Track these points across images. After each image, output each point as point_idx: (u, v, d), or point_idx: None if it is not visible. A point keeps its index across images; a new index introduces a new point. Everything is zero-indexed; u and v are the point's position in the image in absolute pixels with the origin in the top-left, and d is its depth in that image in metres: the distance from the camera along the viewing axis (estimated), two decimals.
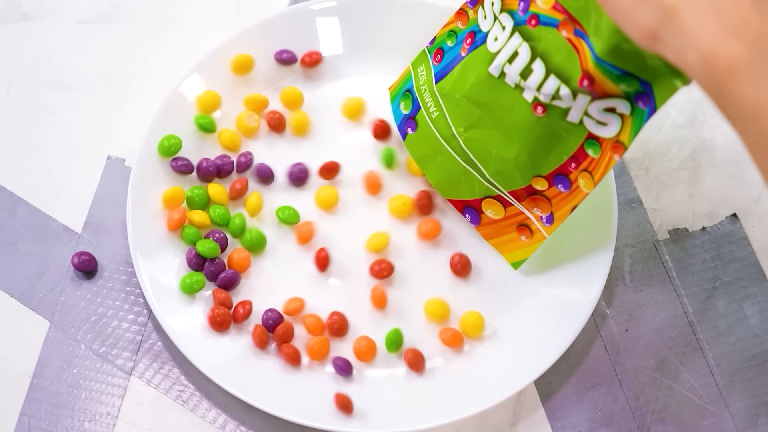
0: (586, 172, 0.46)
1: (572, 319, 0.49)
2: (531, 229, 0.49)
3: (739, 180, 0.56)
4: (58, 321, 0.51)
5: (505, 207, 0.49)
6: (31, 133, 0.56)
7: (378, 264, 0.51)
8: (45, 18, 0.59)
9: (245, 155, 0.53)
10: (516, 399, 0.50)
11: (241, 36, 0.55)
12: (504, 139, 0.47)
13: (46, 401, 0.49)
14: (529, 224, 0.49)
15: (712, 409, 0.50)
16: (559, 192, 0.47)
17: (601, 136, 0.44)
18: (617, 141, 0.43)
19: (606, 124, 0.43)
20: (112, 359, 0.50)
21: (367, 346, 0.49)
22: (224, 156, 0.53)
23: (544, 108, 0.45)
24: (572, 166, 0.46)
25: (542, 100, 0.44)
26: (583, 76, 0.42)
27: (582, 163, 0.45)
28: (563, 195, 0.47)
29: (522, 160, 0.47)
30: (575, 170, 0.46)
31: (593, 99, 0.43)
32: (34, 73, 0.58)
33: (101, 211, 0.54)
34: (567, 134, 0.45)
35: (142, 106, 0.56)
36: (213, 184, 0.53)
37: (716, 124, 0.57)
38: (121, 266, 0.53)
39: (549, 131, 0.45)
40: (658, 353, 0.51)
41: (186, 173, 0.53)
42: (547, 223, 0.48)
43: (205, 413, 0.49)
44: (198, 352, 0.49)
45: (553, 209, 0.48)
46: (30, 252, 0.53)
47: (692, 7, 0.34)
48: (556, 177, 0.47)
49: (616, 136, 0.43)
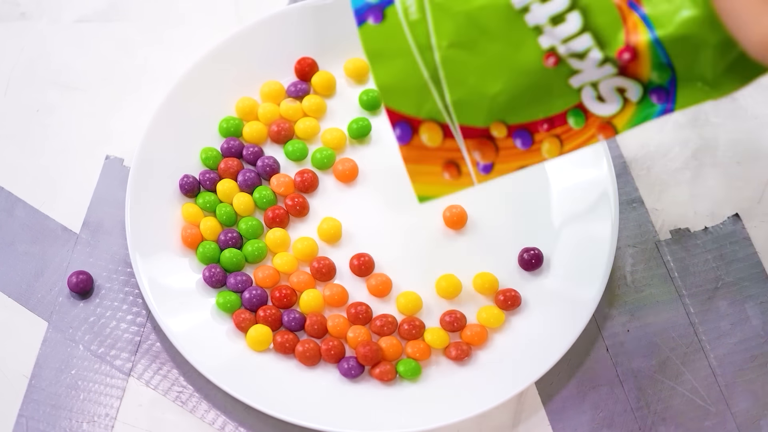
0: (556, 138, 0.42)
1: (573, 320, 0.49)
2: (461, 170, 0.44)
3: (741, 180, 0.56)
4: (56, 322, 0.51)
5: (445, 138, 0.44)
6: (29, 133, 0.56)
7: (408, 322, 0.50)
8: (43, 17, 0.59)
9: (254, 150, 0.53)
10: (517, 400, 0.50)
11: (241, 35, 0.55)
12: (491, 73, 0.42)
13: (44, 402, 0.49)
14: (461, 165, 0.44)
15: (714, 410, 0.50)
16: (513, 146, 0.43)
17: (592, 110, 0.42)
18: (609, 122, 0.41)
19: (605, 101, 0.41)
20: (111, 360, 0.50)
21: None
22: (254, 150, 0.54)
23: (557, 60, 0.41)
24: (544, 126, 0.42)
25: (561, 52, 0.40)
26: (626, 49, 0.39)
27: (555, 128, 0.42)
28: (517, 151, 0.43)
29: (499, 101, 0.42)
30: (544, 132, 0.43)
31: (617, 74, 0.41)
32: (32, 73, 0.58)
33: (100, 211, 0.54)
34: (558, 95, 0.42)
35: (140, 105, 0.56)
36: (239, 194, 0.53)
37: (718, 123, 0.57)
38: (119, 266, 0.53)
39: (544, 84, 0.42)
40: (660, 354, 0.51)
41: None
42: (483, 171, 0.44)
43: (205, 414, 0.49)
44: (197, 352, 0.48)
45: (497, 160, 0.44)
46: (28, 252, 0.53)
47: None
48: (518, 131, 0.43)
49: (609, 118, 0.42)
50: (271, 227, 0.52)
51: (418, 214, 0.52)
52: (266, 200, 0.52)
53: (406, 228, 0.53)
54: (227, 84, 0.55)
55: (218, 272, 0.50)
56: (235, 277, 0.50)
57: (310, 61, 0.55)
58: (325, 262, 0.51)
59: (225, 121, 0.54)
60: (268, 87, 0.55)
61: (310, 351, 0.49)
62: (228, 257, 0.50)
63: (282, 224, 0.52)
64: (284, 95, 0.55)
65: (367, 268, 0.51)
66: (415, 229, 0.53)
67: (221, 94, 0.55)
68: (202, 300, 0.51)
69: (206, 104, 0.55)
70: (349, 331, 0.50)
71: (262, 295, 0.50)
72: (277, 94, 0.55)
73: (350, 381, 0.49)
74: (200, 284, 0.51)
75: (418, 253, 0.53)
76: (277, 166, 0.53)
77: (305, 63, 0.55)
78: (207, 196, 0.52)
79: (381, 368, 0.49)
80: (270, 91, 0.55)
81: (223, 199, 0.52)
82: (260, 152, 0.54)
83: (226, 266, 0.51)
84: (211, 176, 0.53)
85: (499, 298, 0.51)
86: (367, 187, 0.54)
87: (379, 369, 0.49)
